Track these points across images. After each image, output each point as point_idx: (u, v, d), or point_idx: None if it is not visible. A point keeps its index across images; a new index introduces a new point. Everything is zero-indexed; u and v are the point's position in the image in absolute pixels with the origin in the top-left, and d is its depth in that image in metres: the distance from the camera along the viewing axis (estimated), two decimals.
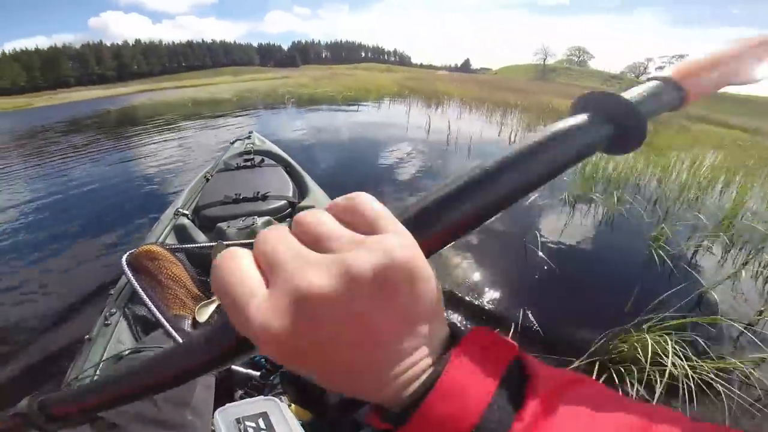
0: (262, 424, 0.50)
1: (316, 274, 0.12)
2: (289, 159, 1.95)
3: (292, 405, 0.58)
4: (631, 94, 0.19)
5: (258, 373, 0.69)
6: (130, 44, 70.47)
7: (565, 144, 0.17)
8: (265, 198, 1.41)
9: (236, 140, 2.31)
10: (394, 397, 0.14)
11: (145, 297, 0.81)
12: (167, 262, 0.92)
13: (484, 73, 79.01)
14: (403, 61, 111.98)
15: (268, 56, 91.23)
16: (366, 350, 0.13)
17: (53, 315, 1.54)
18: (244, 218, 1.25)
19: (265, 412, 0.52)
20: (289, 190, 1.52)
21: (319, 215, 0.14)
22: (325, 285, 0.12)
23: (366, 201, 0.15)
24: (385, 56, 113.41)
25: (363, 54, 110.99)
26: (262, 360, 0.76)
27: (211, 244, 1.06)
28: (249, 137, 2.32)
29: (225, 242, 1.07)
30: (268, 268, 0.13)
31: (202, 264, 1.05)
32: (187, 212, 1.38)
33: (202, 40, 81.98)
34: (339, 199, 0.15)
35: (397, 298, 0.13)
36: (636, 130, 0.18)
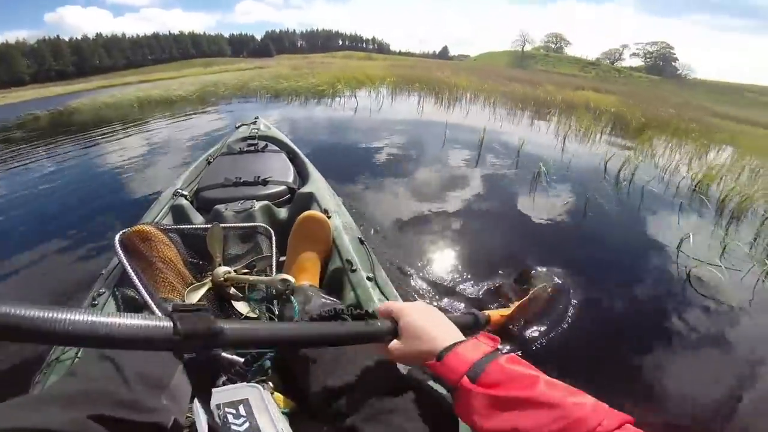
0: (242, 411, 0.49)
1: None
2: (293, 146, 1.92)
3: (275, 393, 0.60)
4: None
5: (242, 360, 0.66)
6: (91, 38, 66.18)
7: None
8: (265, 183, 1.39)
9: (241, 125, 2.27)
10: (435, 355, 0.42)
11: (134, 277, 0.77)
12: (160, 244, 0.88)
13: (462, 60, 78.67)
14: (382, 49, 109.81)
15: (241, 46, 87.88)
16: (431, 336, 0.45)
17: (42, 296, 1.52)
18: (242, 201, 1.24)
19: (247, 399, 0.51)
20: (290, 176, 1.50)
21: None
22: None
23: None
24: (364, 44, 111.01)
25: (340, 42, 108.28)
26: None
27: (207, 226, 1.02)
28: (255, 122, 2.28)
29: (221, 225, 1.03)
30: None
31: (196, 245, 1.01)
32: (185, 193, 1.34)
33: (169, 32, 77.91)
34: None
35: (436, 320, 0.48)
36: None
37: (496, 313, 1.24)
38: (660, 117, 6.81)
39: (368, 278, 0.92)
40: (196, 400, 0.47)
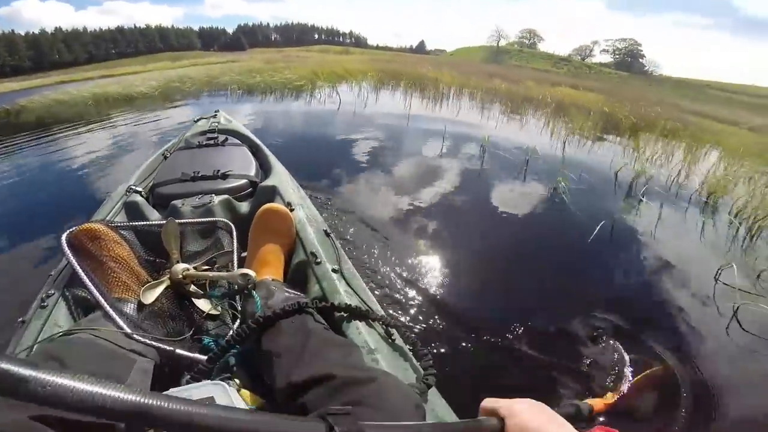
0: None
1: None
2: (255, 139, 1.87)
3: (241, 390, 0.59)
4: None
5: (205, 357, 0.66)
6: (49, 33, 62.03)
7: None
8: (225, 177, 1.36)
9: (200, 118, 2.18)
10: None
11: (84, 277, 0.76)
12: (110, 242, 0.84)
13: (439, 54, 78.84)
14: (359, 42, 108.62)
15: (211, 40, 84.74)
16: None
17: None
18: (200, 196, 1.20)
19: (212, 397, 0.49)
20: (252, 169, 1.46)
21: None
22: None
23: None
24: (341, 38, 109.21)
25: (316, 36, 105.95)
26: (211, 344, 0.74)
27: (161, 222, 0.99)
28: (215, 116, 2.18)
29: (178, 221, 1.00)
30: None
31: (153, 243, 0.98)
32: (140, 189, 1.28)
33: (134, 26, 74.14)
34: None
35: (549, 419, 0.39)
36: None
37: (599, 402, 1.15)
38: (647, 116, 6.78)
39: (333, 270, 0.90)
40: None
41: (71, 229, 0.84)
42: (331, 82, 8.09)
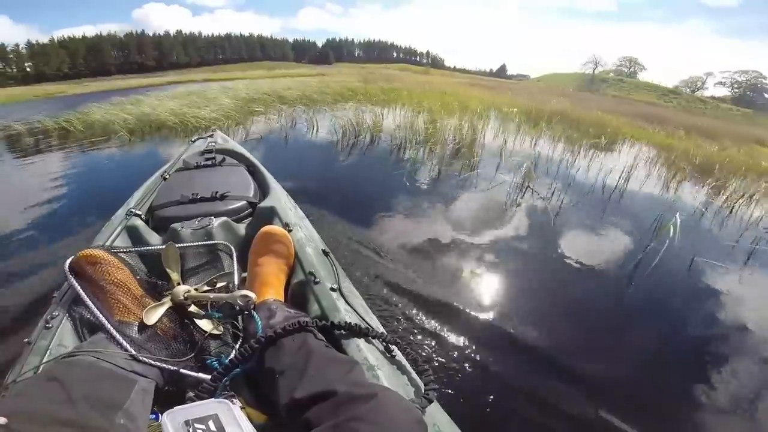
0: (212, 426, 0.49)
1: None
2: (252, 158, 1.87)
3: (245, 408, 0.62)
4: None
5: (209, 377, 0.67)
6: (171, 35, 71.57)
7: None
8: (223, 198, 1.38)
9: (198, 138, 2.23)
10: None
11: (87, 301, 0.79)
12: (110, 267, 0.86)
13: (521, 80, 75.83)
14: (435, 63, 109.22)
15: (303, 52, 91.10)
16: None
17: None
18: (200, 219, 1.22)
19: (216, 414, 0.50)
20: (250, 190, 1.48)
21: None
22: None
23: None
24: (417, 57, 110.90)
25: (395, 54, 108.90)
26: (214, 363, 0.76)
27: (161, 247, 1.02)
28: (212, 135, 2.23)
29: (178, 245, 1.03)
30: None
31: (154, 266, 1.01)
32: (140, 212, 1.30)
33: (240, 33, 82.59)
34: None
35: None
36: None
37: None
38: None
39: (332, 289, 0.91)
40: (165, 417, 0.48)
41: (73, 256, 0.88)
42: (479, 116, 5.96)
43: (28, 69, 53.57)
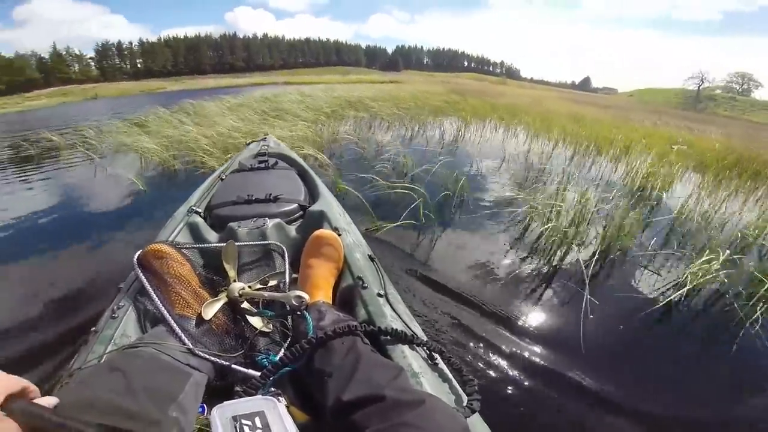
0: (258, 423, 0.49)
1: None
2: (303, 163, 1.91)
3: (290, 406, 0.61)
4: None
5: (258, 374, 0.69)
6: (258, 38, 77.29)
7: None
8: (276, 200, 1.40)
9: (251, 142, 2.32)
10: None
11: (153, 294, 0.82)
12: (174, 262, 0.89)
13: (609, 94, 69.34)
14: (511, 73, 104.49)
15: (374, 58, 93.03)
16: None
17: (62, 309, 1.47)
18: (255, 219, 1.25)
19: (262, 411, 0.51)
20: (301, 193, 1.50)
21: None
22: None
23: None
24: (490, 67, 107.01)
25: (465, 63, 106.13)
26: (264, 360, 0.76)
27: (221, 244, 1.04)
28: (265, 139, 2.31)
29: (236, 243, 1.05)
30: None
31: (211, 262, 1.04)
32: (200, 210, 1.35)
33: (318, 38, 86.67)
34: None
35: None
36: None
37: None
38: None
39: (379, 294, 0.91)
40: (214, 412, 0.49)
41: (142, 249, 0.89)
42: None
43: (138, 65, 61.51)
